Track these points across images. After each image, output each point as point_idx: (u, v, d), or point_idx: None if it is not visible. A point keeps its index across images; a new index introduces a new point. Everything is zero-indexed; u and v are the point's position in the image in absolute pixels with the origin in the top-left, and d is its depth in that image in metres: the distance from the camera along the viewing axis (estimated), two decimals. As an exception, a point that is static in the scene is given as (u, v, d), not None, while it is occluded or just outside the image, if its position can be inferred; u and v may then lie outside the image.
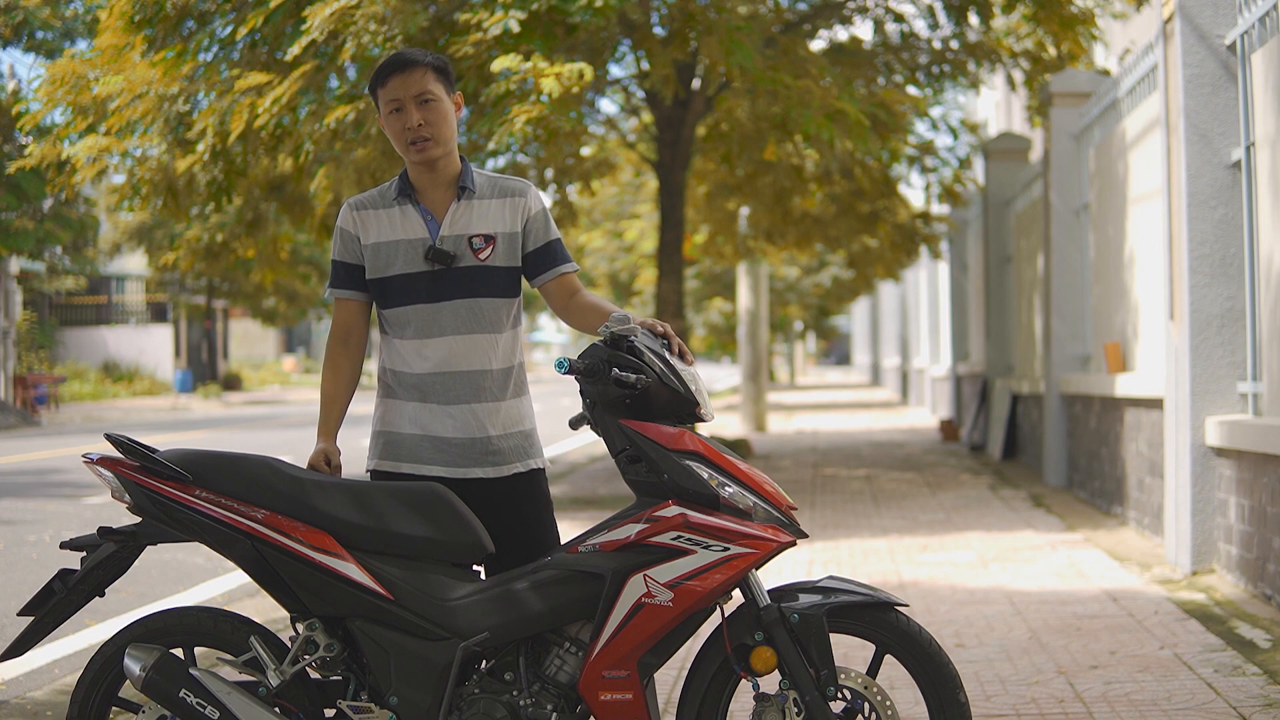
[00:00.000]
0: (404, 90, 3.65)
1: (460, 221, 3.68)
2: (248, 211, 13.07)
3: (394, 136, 3.69)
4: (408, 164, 3.73)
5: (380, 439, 3.73)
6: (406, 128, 3.65)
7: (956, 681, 3.43)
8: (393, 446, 3.69)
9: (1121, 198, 9.67)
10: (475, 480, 3.66)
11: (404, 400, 3.69)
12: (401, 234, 3.67)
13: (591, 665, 3.36)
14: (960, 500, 11.05)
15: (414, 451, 3.66)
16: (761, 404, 21.08)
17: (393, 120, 3.67)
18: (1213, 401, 7.24)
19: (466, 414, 3.66)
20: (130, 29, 10.28)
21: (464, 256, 3.66)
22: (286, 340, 66.59)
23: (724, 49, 9.57)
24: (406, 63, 3.67)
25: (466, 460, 3.65)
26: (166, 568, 8.55)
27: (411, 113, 3.65)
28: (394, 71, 3.66)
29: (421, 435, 3.66)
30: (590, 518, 9.26)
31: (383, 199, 3.73)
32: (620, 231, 29.32)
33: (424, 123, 3.65)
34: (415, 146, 3.66)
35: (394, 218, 3.69)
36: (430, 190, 3.71)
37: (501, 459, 3.68)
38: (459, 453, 3.65)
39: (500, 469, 3.68)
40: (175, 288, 42.36)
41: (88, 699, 3.55)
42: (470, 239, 3.67)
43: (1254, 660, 5.33)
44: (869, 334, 47.15)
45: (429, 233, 3.67)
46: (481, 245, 3.67)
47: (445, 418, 3.66)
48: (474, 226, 3.68)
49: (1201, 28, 7.21)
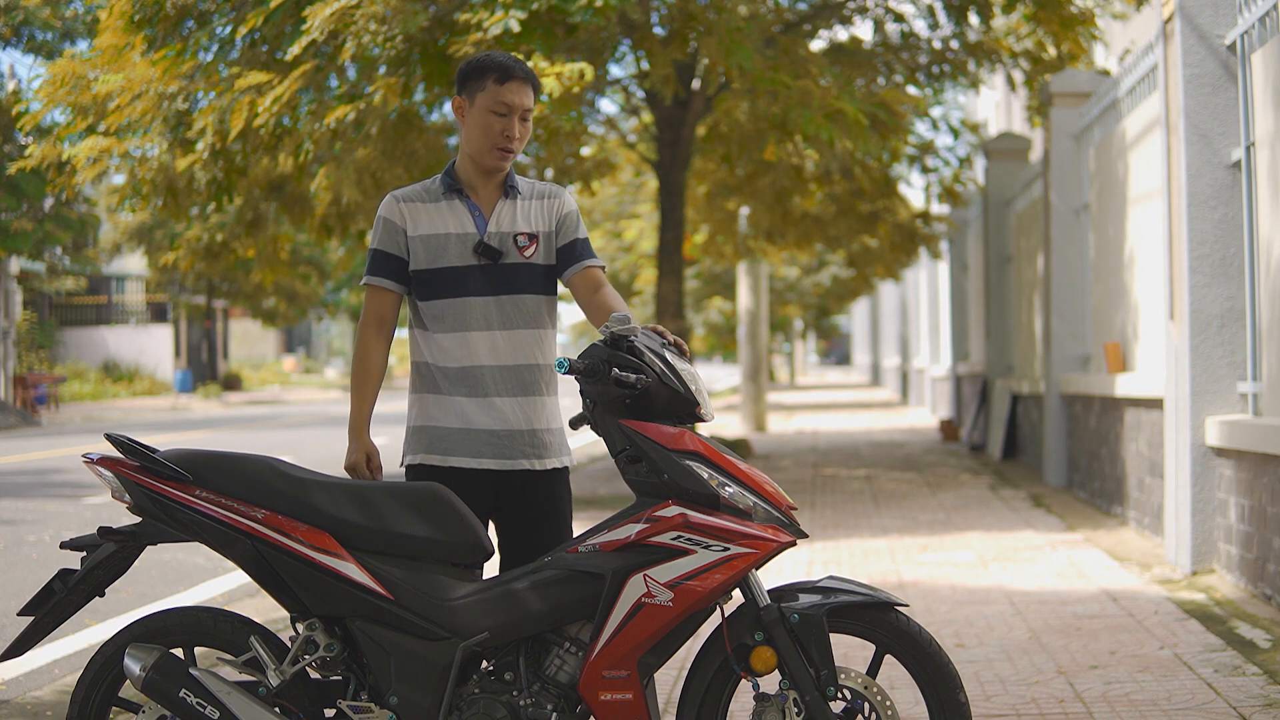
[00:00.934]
0: (519, 100, 3.74)
1: (506, 219, 3.77)
2: (248, 211, 13.07)
3: (483, 132, 3.74)
4: (469, 161, 3.79)
5: (423, 434, 3.76)
6: (504, 134, 3.73)
7: (956, 681, 3.43)
8: (440, 441, 3.73)
9: (1121, 198, 9.67)
10: (519, 472, 3.74)
11: (447, 395, 3.73)
12: (452, 227, 3.75)
13: (591, 665, 3.36)
14: (960, 500, 11.05)
15: (461, 445, 3.71)
16: (761, 404, 21.08)
17: (492, 120, 3.73)
18: (1213, 401, 7.24)
19: (514, 407, 3.72)
20: (130, 29, 10.28)
21: (510, 253, 3.75)
22: (286, 340, 66.58)
23: (723, 49, 9.57)
24: (528, 77, 3.77)
25: (513, 452, 3.72)
26: (166, 568, 8.55)
27: (514, 124, 3.74)
28: (518, 78, 3.74)
29: (467, 429, 3.71)
30: (590, 518, 9.27)
31: (429, 193, 3.79)
32: (620, 231, 29.30)
33: (519, 137, 3.76)
34: (500, 152, 3.75)
35: (442, 211, 3.76)
36: (480, 187, 3.80)
37: (546, 452, 3.77)
38: (506, 445, 3.72)
39: (545, 461, 3.76)
40: (175, 288, 42.36)
41: (88, 699, 3.55)
42: (515, 236, 3.76)
43: (1254, 660, 5.33)
44: (869, 334, 47.15)
45: (476, 228, 3.75)
46: (526, 243, 3.77)
47: (492, 410, 3.71)
48: (519, 225, 3.78)
49: (1201, 28, 7.21)
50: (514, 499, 3.74)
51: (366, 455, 3.76)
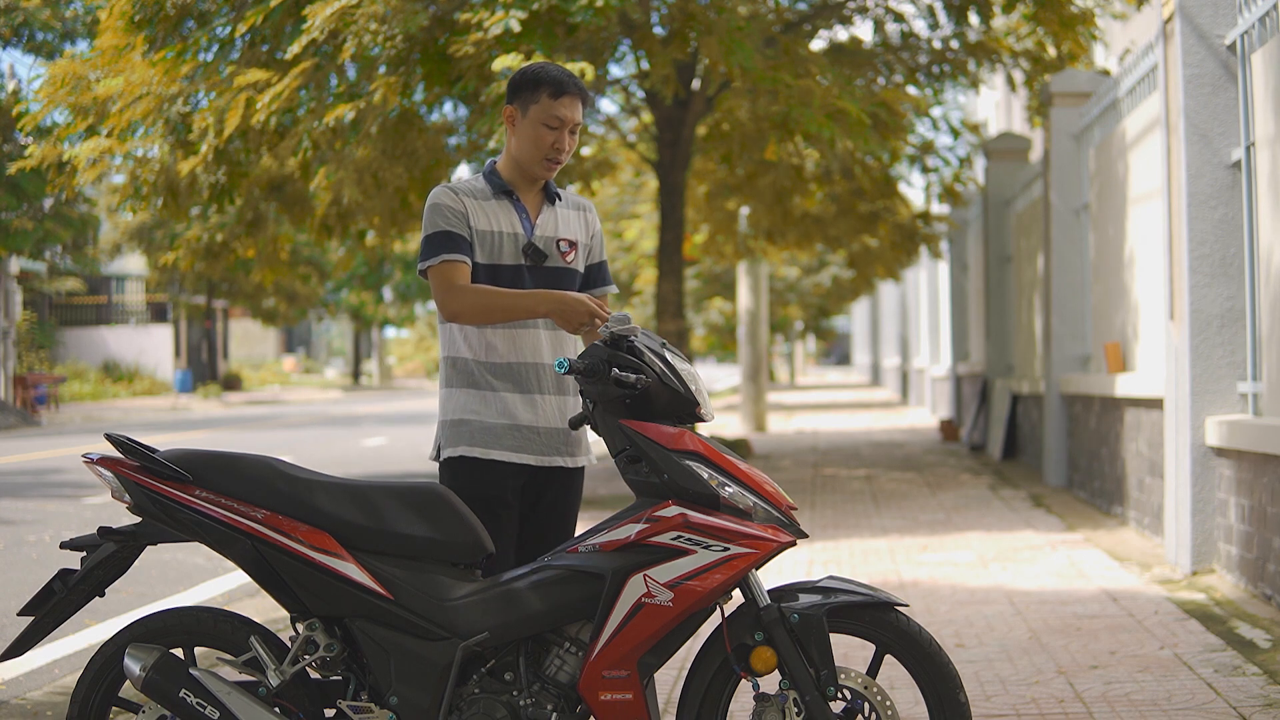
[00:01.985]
0: (571, 115, 3.81)
1: (550, 224, 3.88)
2: (248, 211, 13.06)
3: (535, 143, 3.80)
4: (515, 166, 3.85)
5: (464, 426, 3.78)
6: (555, 147, 3.81)
7: (956, 681, 3.43)
8: (482, 434, 3.76)
9: (1121, 198, 9.67)
10: (555, 469, 3.83)
11: (490, 390, 3.78)
12: (505, 226, 3.82)
13: (591, 665, 3.37)
14: (960, 500, 11.05)
15: (505, 439, 3.76)
16: (761, 404, 21.08)
17: (544, 132, 3.80)
18: (1212, 401, 7.24)
19: (555, 405, 3.81)
20: (130, 29, 10.28)
21: (553, 257, 3.85)
22: (286, 340, 66.61)
23: (724, 49, 9.57)
24: (584, 92, 3.85)
25: (551, 449, 3.80)
26: (166, 568, 8.55)
27: (564, 137, 3.82)
28: (573, 93, 3.81)
29: (511, 424, 3.76)
30: (590, 518, 9.27)
31: (482, 191, 3.85)
32: (620, 231, 29.30)
33: (568, 149, 3.83)
34: (549, 163, 3.83)
35: (495, 210, 3.84)
36: (524, 191, 3.88)
37: (578, 450, 3.87)
38: (545, 441, 3.79)
39: (576, 459, 3.87)
40: (175, 288, 42.36)
41: (88, 699, 3.55)
42: (559, 241, 3.87)
43: (1254, 660, 5.33)
44: (869, 334, 47.15)
45: (524, 229, 3.84)
46: (567, 249, 3.89)
47: (536, 407, 3.79)
48: (561, 231, 3.90)
49: (1201, 28, 7.21)
50: (544, 494, 3.82)
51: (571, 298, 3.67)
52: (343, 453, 17.29)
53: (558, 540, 3.79)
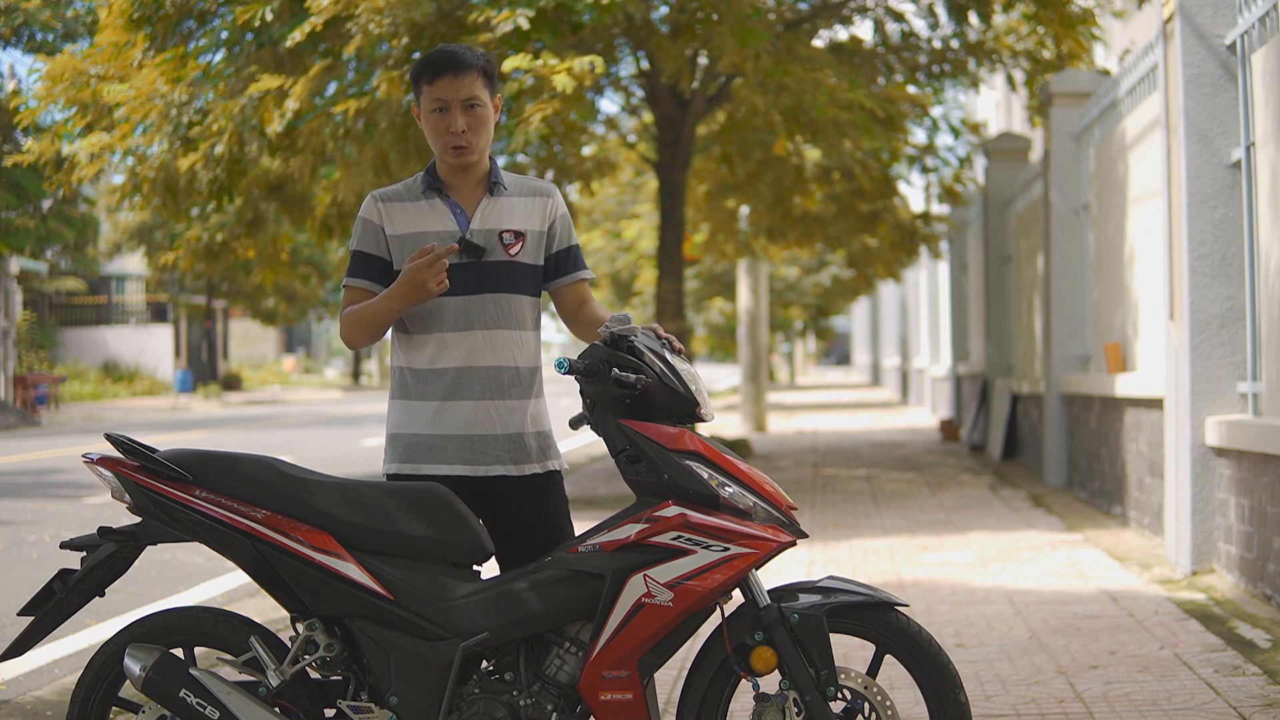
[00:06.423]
0: (452, 93, 3.60)
1: (491, 216, 3.66)
2: (248, 211, 13.06)
3: (433, 134, 3.64)
4: (438, 161, 3.70)
5: (399, 441, 3.66)
6: (450, 131, 3.61)
7: (956, 681, 3.43)
8: (414, 449, 3.63)
9: (1121, 198, 9.67)
10: (496, 478, 3.63)
11: (423, 400, 3.64)
12: (432, 225, 3.64)
13: (591, 665, 3.36)
14: (960, 500, 11.05)
15: (434, 452, 3.61)
16: (761, 404, 21.08)
17: (434, 119, 3.62)
18: (1212, 401, 7.24)
19: (491, 410, 3.62)
20: (130, 27, 10.28)
21: (494, 251, 3.64)
22: (286, 340, 66.60)
23: (737, 37, 9.57)
24: (459, 65, 3.60)
25: (489, 458, 3.61)
26: (166, 568, 8.55)
27: (457, 117, 3.61)
28: (445, 71, 3.60)
29: (444, 435, 3.61)
30: (590, 518, 9.27)
31: (409, 192, 3.69)
32: (620, 231, 29.31)
33: (467, 129, 3.62)
34: (454, 150, 3.63)
35: (422, 210, 3.66)
36: (460, 185, 3.69)
37: (525, 457, 3.65)
38: (479, 450, 3.61)
39: (522, 467, 3.64)
40: (175, 288, 42.38)
41: (88, 699, 3.55)
42: (501, 234, 3.65)
43: (1254, 660, 5.33)
44: (869, 334, 47.15)
45: (459, 226, 3.65)
46: (512, 240, 3.65)
47: (469, 414, 3.61)
48: (504, 222, 3.66)
49: (1201, 28, 7.21)
50: (496, 506, 3.65)
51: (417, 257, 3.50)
52: (343, 453, 17.29)
53: (540, 550, 3.61)
